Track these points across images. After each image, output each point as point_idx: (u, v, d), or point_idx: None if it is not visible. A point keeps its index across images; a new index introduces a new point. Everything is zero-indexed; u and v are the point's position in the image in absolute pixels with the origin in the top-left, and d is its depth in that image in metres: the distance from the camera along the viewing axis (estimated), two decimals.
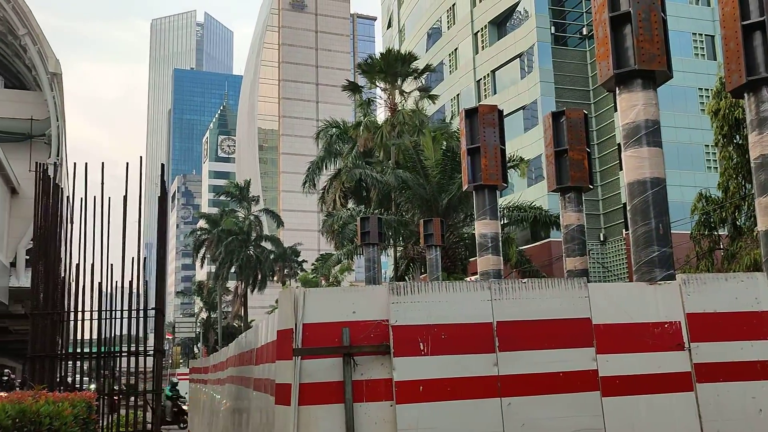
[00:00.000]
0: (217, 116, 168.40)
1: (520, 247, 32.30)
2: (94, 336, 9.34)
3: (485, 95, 46.30)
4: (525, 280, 4.64)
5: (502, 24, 46.55)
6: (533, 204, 29.88)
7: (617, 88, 5.87)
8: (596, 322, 4.64)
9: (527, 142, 39.31)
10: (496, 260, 9.51)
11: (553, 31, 42.80)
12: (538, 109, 40.69)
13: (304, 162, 50.71)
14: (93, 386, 10.54)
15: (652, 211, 5.51)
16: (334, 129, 36.68)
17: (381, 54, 36.21)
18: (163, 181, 9.35)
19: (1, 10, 28.45)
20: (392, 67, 33.81)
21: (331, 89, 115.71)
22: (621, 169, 34.82)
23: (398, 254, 30.64)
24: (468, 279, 26.20)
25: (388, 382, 4.33)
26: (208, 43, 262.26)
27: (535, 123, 40.72)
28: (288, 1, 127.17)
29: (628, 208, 5.80)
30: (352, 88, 36.49)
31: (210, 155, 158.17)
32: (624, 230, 36.15)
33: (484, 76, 46.96)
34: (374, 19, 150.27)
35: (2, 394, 6.12)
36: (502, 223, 23.06)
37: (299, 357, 4.33)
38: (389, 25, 67.32)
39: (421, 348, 4.34)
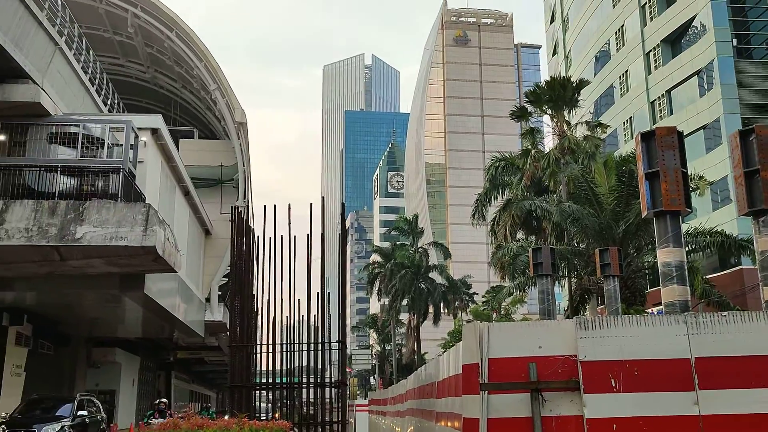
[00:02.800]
0: (386, 154, 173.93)
1: (707, 276, 30.07)
2: (277, 367, 9.89)
3: (660, 116, 44.05)
4: (725, 313, 4.34)
5: (676, 41, 44.27)
6: (718, 228, 27.75)
7: None
8: None
9: (710, 164, 36.80)
10: (683, 290, 8.92)
11: (735, 44, 40.02)
12: (721, 128, 38.04)
13: (471, 194, 50.79)
14: (274, 415, 11.11)
15: None
16: (501, 162, 36.45)
17: (546, 82, 35.52)
18: (343, 219, 9.82)
19: (195, 68, 31.41)
20: (559, 93, 33.10)
21: (496, 120, 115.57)
22: None
23: (572, 285, 29.65)
24: (650, 311, 24.78)
25: (579, 419, 4.21)
26: (376, 84, 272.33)
27: (718, 143, 38.08)
28: (452, 37, 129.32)
29: None
30: (520, 113, 35.91)
31: (380, 191, 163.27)
32: None
33: (659, 97, 44.76)
34: (539, 47, 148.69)
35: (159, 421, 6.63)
36: (686, 250, 21.62)
37: (486, 391, 4.33)
38: (554, 52, 66.28)
39: (613, 385, 4.18)
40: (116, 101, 28.15)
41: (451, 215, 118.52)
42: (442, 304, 54.31)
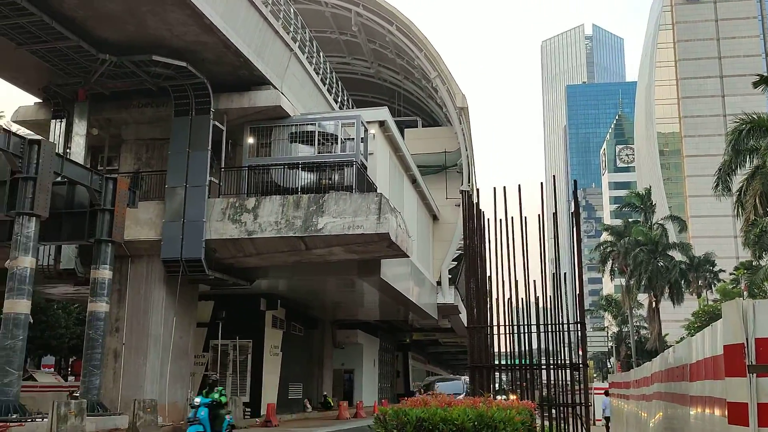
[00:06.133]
0: (612, 126, 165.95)
1: None
2: (506, 348, 9.88)
3: None
4: None
5: None
6: None
7: None
8: None
9: None
10: None
11: None
12: None
13: (712, 163, 46.62)
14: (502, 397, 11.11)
15: None
16: (746, 125, 32.81)
17: None
18: (575, 196, 9.53)
19: (415, 59, 32.27)
20: None
21: (738, 80, 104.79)
22: None
23: None
24: None
25: None
26: (598, 54, 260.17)
27: None
28: None
29: None
30: (765, 81, 31.89)
31: (608, 166, 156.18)
32: None
33: None
34: None
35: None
36: None
37: (754, 374, 3.95)
38: None
39: None
40: (345, 98, 29.83)
41: (689, 187, 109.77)
42: (683, 283, 50.66)
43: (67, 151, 19.41)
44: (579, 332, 9.27)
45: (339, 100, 28.41)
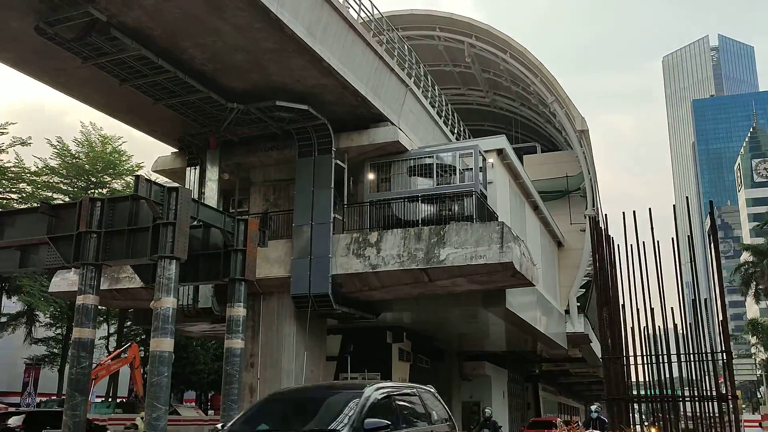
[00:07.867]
0: (747, 140, 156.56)
1: None
2: (644, 378, 9.37)
3: None
4: None
5: None
6: None
7: None
8: None
9: None
10: None
11: None
12: None
13: None
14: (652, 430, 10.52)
15: None
16: None
17: None
18: (712, 217, 9.05)
19: (531, 85, 31.93)
20: None
21: None
22: None
23: None
24: None
25: None
26: (726, 66, 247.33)
27: None
28: None
29: None
30: None
31: (744, 182, 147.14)
32: None
33: None
34: None
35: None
36: None
37: None
38: None
39: None
40: (462, 128, 29.87)
41: None
42: None
43: (201, 195, 20.57)
44: (724, 361, 8.70)
45: (455, 131, 28.49)
